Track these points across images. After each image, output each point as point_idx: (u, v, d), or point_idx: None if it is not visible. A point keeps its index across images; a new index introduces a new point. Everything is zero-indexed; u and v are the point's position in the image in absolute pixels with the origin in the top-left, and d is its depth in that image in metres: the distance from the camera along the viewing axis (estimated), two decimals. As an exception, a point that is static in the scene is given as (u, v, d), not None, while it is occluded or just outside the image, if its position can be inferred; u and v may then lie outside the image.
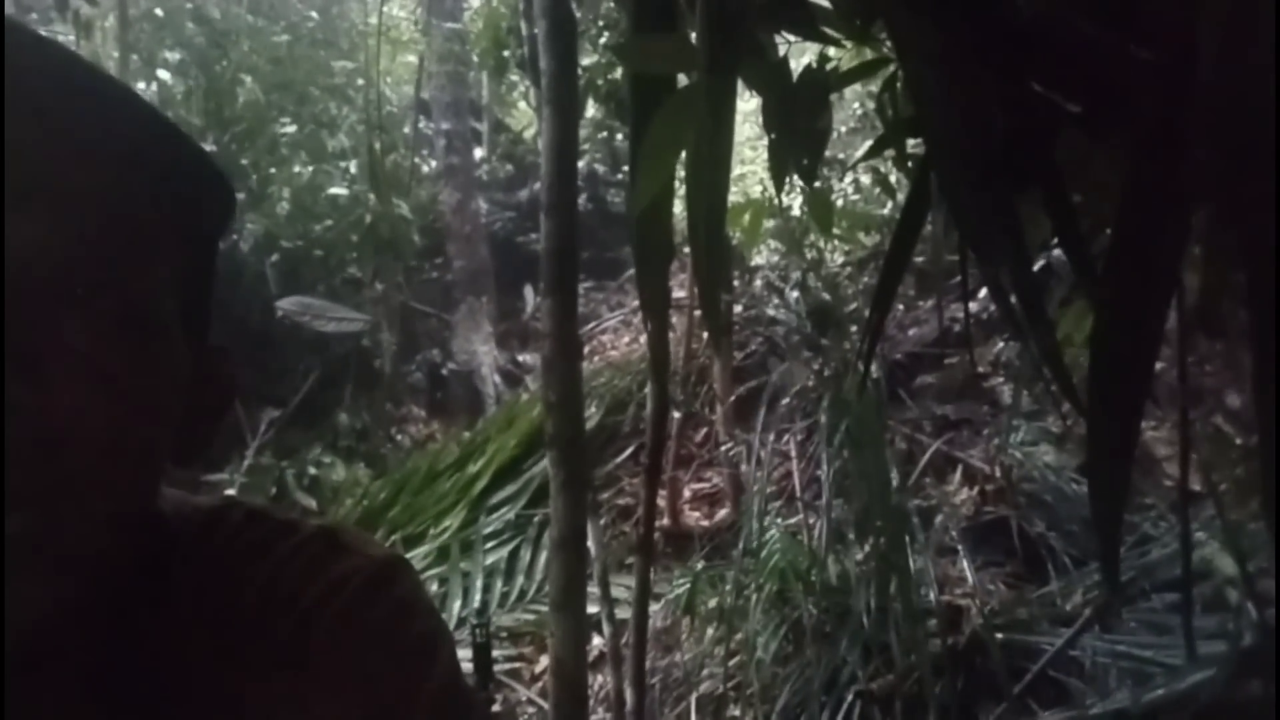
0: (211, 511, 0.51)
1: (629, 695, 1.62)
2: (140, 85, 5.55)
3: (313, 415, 5.30)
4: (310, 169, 5.63)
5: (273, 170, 5.65)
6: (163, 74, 5.69)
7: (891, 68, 1.18)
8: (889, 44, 1.23)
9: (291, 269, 5.47)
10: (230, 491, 4.38)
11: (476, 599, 3.39)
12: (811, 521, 2.98)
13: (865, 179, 4.81)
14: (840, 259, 4.70)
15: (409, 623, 0.50)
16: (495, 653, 3.01)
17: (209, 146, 5.55)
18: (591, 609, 2.89)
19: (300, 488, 4.61)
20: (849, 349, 3.35)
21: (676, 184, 1.37)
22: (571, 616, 1.28)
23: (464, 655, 2.39)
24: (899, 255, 1.08)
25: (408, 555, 3.69)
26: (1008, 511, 2.85)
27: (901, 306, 4.25)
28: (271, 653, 0.47)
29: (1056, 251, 1.94)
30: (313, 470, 4.67)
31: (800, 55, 1.73)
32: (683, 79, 1.25)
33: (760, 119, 1.21)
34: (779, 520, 2.95)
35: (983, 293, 3.17)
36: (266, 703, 0.46)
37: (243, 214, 5.43)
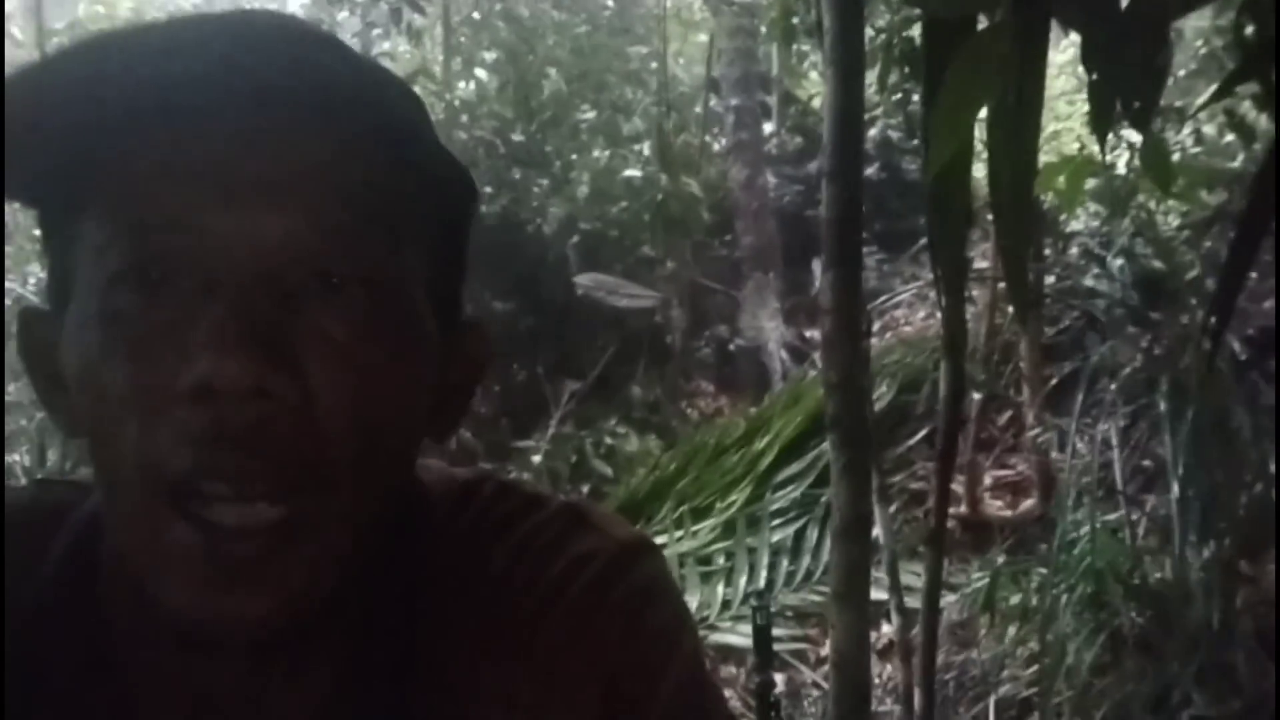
0: (466, 484, 0.51)
1: (918, 695, 1.52)
2: (460, 85, 6.09)
3: (609, 388, 5.57)
4: (607, 153, 5.88)
5: (574, 156, 5.97)
6: (480, 73, 6.21)
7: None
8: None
9: (591, 250, 5.76)
10: (536, 459, 4.72)
11: (763, 576, 3.39)
12: (1135, 518, 2.65)
13: (1209, 129, 4.16)
14: (1176, 221, 4.11)
15: (651, 609, 0.48)
16: (780, 631, 2.98)
17: (517, 137, 5.99)
18: (881, 595, 2.79)
19: (597, 455, 4.87)
20: (1187, 324, 2.92)
21: (978, 143, 1.24)
22: (853, 607, 1.21)
23: (745, 634, 2.38)
24: (1259, 211, 0.89)
25: (694, 528, 3.77)
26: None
27: (1255, 274, 3.64)
28: (509, 631, 0.46)
29: None
30: (609, 440, 4.91)
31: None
32: (985, 24, 1.12)
33: (1078, 68, 1.05)
34: (1097, 515, 2.64)
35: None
36: (502, 683, 0.46)
37: (546, 198, 5.79)
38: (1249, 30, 1.03)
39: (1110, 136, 1.15)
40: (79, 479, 0.51)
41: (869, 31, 3.02)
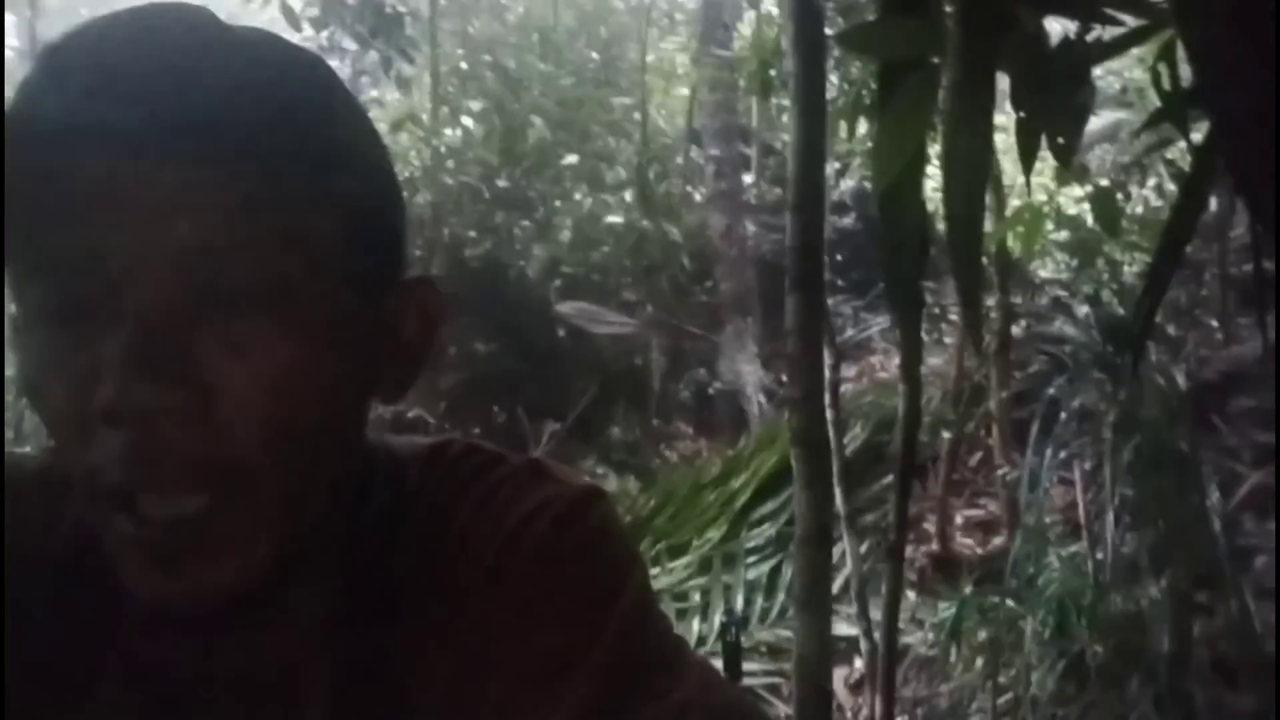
0: (434, 446, 0.56)
1: (879, 706, 1.57)
2: (447, 131, 6.22)
3: (589, 430, 5.62)
4: (590, 199, 6.01)
5: (558, 203, 6.10)
6: (466, 120, 6.35)
7: (1168, 34, 1.07)
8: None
9: (573, 293, 5.86)
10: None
11: (738, 612, 3.42)
12: (1099, 555, 2.72)
13: (1171, 185, 4.33)
14: (1138, 269, 4.25)
15: (605, 545, 0.53)
16: (753, 666, 3.01)
17: (502, 183, 6.12)
18: (851, 631, 2.83)
19: (576, 497, 4.89)
20: (1148, 366, 3.02)
21: (932, 179, 1.33)
22: (816, 613, 1.27)
23: (716, 653, 2.42)
24: (1176, 235, 0.98)
25: (671, 565, 3.81)
26: (1350, 555, 2.43)
27: (1215, 322, 3.77)
28: (481, 570, 0.50)
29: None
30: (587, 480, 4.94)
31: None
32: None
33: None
34: (1060, 550, 2.72)
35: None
36: (477, 616, 0.50)
37: (530, 242, 5.89)
38: (1165, 76, 1.13)
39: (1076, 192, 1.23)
40: None
41: (840, 83, 3.16)
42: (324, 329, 0.43)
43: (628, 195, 6.15)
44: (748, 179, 7.05)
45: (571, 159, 6.10)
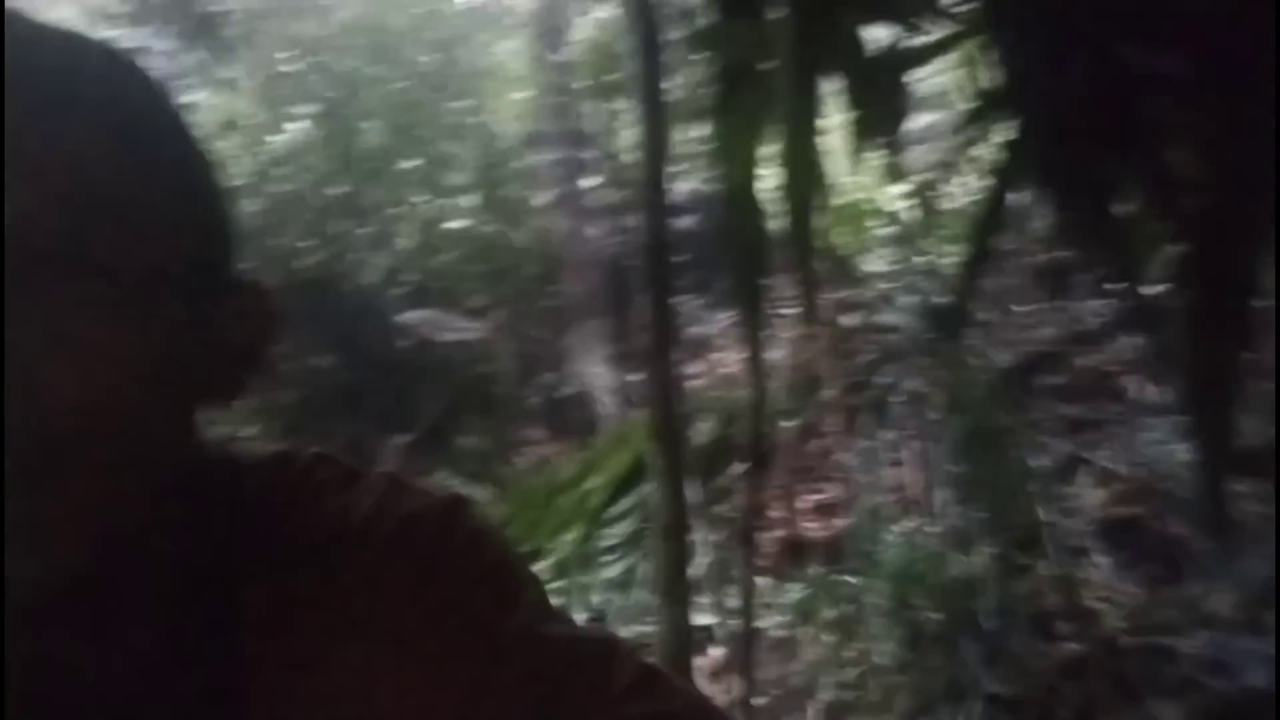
0: (278, 455, 0.55)
1: (739, 685, 1.63)
2: (275, 137, 5.95)
3: (438, 441, 5.51)
4: (430, 205, 5.91)
5: (396, 209, 5.96)
6: (294, 125, 6.09)
7: (975, 41, 1.18)
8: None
9: (416, 301, 5.74)
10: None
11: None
12: (932, 530, 2.91)
13: (980, 181, 4.68)
14: (955, 261, 4.58)
15: (489, 548, 0.54)
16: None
17: (336, 190, 5.92)
18: (709, 619, 2.91)
19: (427, 509, 4.79)
20: (968, 349, 3.27)
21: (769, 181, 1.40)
22: (676, 604, 1.31)
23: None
24: (987, 226, 1.08)
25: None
26: (1142, 512, 2.71)
27: (1017, 307, 4.11)
28: (348, 589, 0.49)
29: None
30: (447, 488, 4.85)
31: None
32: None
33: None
34: (894, 527, 2.90)
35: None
36: (346, 640, 0.49)
37: (369, 251, 5.73)
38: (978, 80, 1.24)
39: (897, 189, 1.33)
40: None
41: (677, 86, 3.25)
42: (138, 320, 0.42)
43: (464, 200, 6.08)
44: (589, 182, 7.10)
45: (410, 163, 5.97)
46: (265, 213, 5.65)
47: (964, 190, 4.76)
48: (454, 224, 5.76)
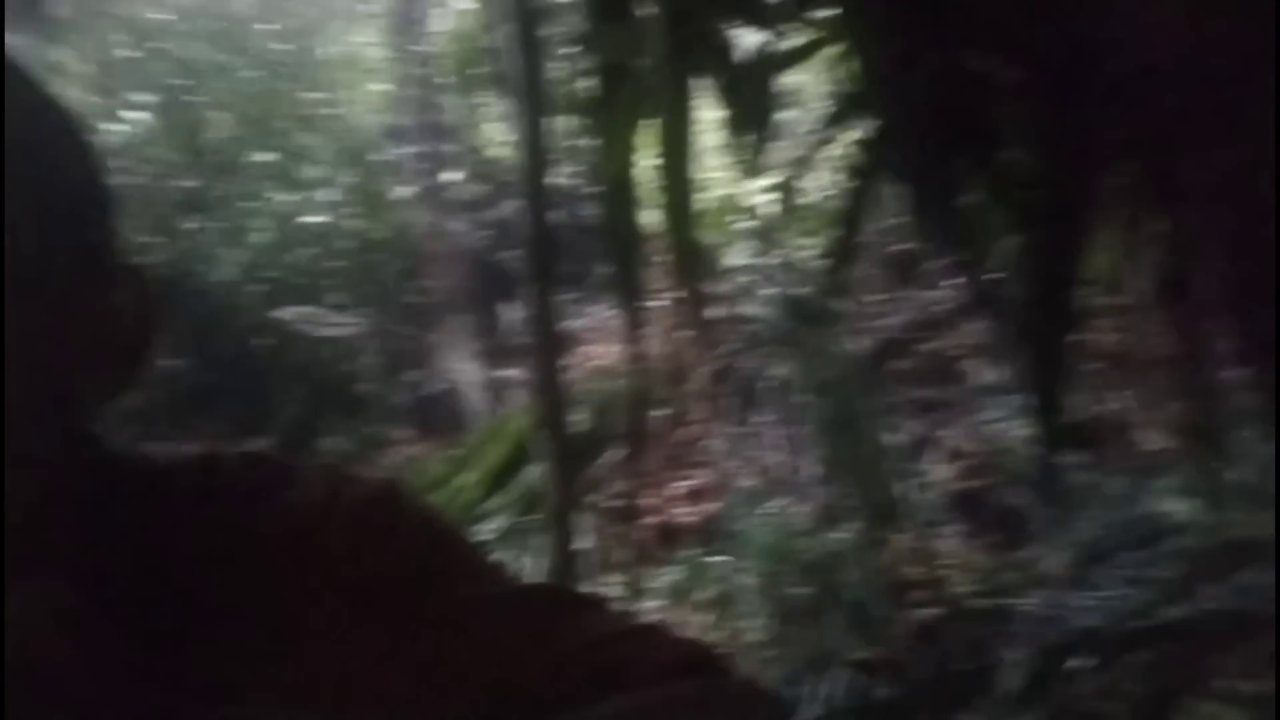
0: (204, 455, 0.53)
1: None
2: (112, 126, 5.59)
3: (299, 442, 5.33)
4: (286, 199, 5.69)
5: (250, 204, 5.71)
6: (133, 115, 5.74)
7: (840, 47, 1.26)
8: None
9: (274, 298, 5.52)
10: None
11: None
12: (797, 509, 3.05)
13: (836, 178, 4.90)
14: (814, 253, 4.79)
15: (434, 522, 0.55)
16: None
17: (182, 183, 5.62)
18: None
19: (292, 513, 4.63)
20: (827, 337, 3.44)
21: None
22: (567, 584, 1.35)
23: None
24: (851, 218, 1.16)
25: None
26: (986, 484, 2.94)
27: (870, 296, 4.34)
28: (305, 582, 0.49)
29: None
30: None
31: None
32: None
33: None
34: (761, 508, 3.03)
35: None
36: (306, 626, 0.48)
37: (217, 247, 5.48)
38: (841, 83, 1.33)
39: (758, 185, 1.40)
40: None
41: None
42: (9, 308, 0.40)
43: (322, 195, 5.89)
44: (451, 176, 7.00)
45: (263, 156, 5.72)
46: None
47: (820, 186, 4.98)
48: (312, 219, 5.56)
